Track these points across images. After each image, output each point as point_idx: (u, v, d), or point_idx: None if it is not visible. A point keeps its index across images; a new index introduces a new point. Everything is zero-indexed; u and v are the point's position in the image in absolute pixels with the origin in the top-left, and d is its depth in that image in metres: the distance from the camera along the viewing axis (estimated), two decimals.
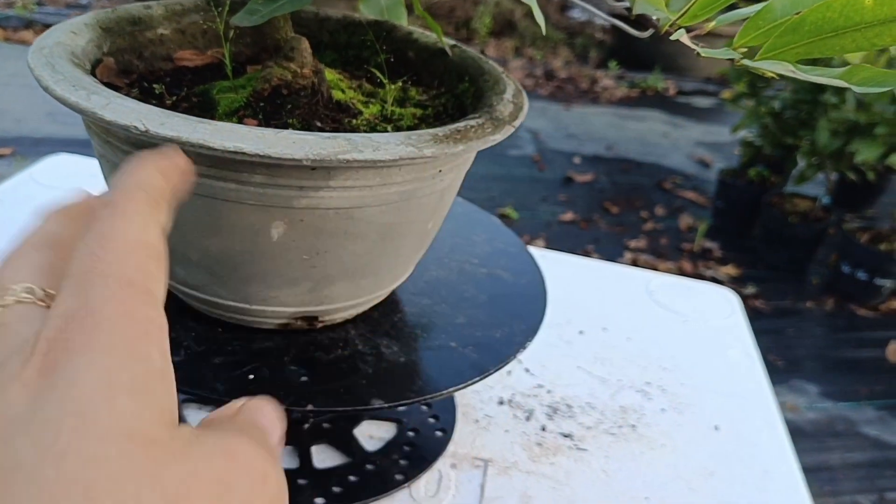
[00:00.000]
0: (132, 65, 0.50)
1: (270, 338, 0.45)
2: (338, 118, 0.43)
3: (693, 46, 0.36)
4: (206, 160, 0.35)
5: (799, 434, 1.54)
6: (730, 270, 2.18)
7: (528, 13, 5.28)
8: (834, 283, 2.20)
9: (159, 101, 0.44)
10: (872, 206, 2.80)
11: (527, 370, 0.67)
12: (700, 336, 0.76)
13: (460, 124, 0.38)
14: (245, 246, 0.39)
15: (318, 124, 0.42)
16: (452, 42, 0.51)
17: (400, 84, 0.49)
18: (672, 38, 0.36)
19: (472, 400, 0.62)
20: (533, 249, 0.88)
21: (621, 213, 2.45)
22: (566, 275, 0.83)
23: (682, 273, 2.12)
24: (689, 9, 0.38)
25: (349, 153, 0.34)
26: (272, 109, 0.42)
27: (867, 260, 2.12)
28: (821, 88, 2.22)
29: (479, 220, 0.64)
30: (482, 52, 4.31)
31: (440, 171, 0.40)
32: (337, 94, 0.45)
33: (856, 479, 1.43)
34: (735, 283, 2.13)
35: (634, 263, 2.13)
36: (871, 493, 1.40)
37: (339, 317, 0.46)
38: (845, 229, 2.21)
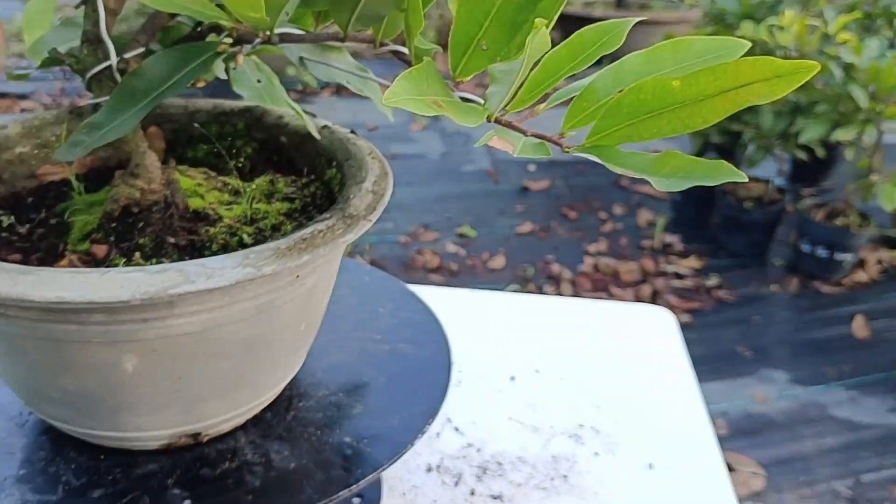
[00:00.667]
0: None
1: (155, 459, 0.43)
2: (194, 229, 0.42)
3: (506, 149, 0.35)
4: (41, 307, 0.34)
5: (771, 426, 1.54)
6: (692, 263, 2.19)
7: None
8: (796, 262, 2.21)
9: (9, 233, 0.43)
10: (828, 178, 2.82)
11: (456, 429, 0.66)
12: (635, 364, 0.75)
13: (307, 231, 0.37)
14: (101, 382, 0.38)
15: (172, 240, 0.41)
16: (324, 123, 0.50)
17: (267, 177, 0.47)
18: (479, 143, 0.35)
19: (399, 471, 0.60)
20: (462, 292, 0.87)
21: (580, 218, 2.45)
22: (497, 316, 0.82)
23: (644, 272, 2.13)
24: (517, 94, 0.37)
25: (180, 286, 0.32)
26: (124, 230, 0.41)
27: (825, 237, 2.13)
28: None
29: (386, 290, 0.63)
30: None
31: (297, 276, 0.39)
32: (195, 203, 0.44)
33: (831, 465, 1.43)
34: (698, 275, 2.13)
35: (595, 269, 2.13)
36: (847, 478, 1.40)
37: (227, 427, 0.45)
38: (800, 209, 2.22)
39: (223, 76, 0.46)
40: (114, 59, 0.40)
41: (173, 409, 0.40)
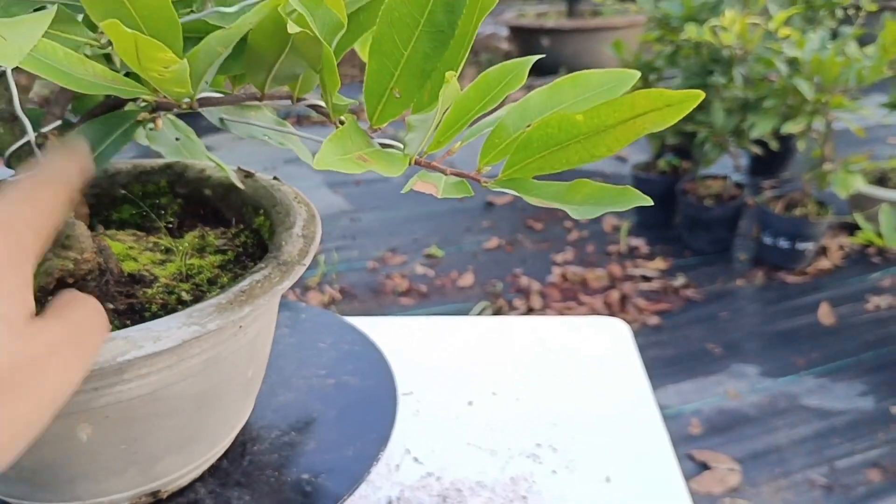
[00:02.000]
0: None
1: None
2: (132, 292, 0.42)
3: (429, 191, 0.36)
4: None
5: (743, 420, 1.56)
6: (658, 264, 2.21)
7: None
8: (759, 255, 2.24)
9: None
10: (787, 169, 2.87)
11: (415, 459, 0.66)
12: (590, 378, 0.76)
13: (245, 283, 0.38)
14: (57, 454, 0.38)
15: (111, 306, 0.41)
16: (247, 171, 0.51)
17: (197, 232, 0.48)
18: (404, 190, 0.36)
19: None
20: (419, 319, 0.88)
21: (545, 228, 2.47)
22: (454, 341, 0.83)
23: (612, 278, 2.15)
24: (433, 135, 0.38)
25: (129, 353, 0.33)
26: None
27: (786, 228, 2.16)
28: (708, 71, 2.27)
29: (324, 325, 0.64)
30: None
31: (240, 327, 0.39)
32: (129, 266, 0.44)
33: (804, 455, 1.45)
34: (665, 276, 2.16)
35: (564, 278, 2.14)
36: (822, 466, 1.42)
37: (185, 480, 0.45)
38: (759, 202, 2.25)
39: (144, 142, 0.46)
40: (31, 136, 0.41)
41: (131, 472, 0.41)
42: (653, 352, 1.82)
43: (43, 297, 0.42)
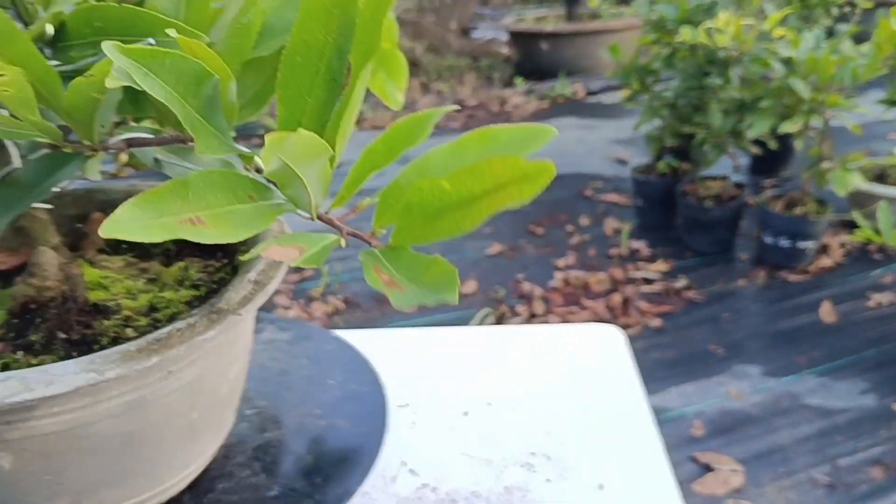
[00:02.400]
0: None
1: None
2: (91, 323, 0.43)
3: (286, 258, 0.34)
4: None
5: (746, 421, 1.56)
6: (660, 266, 2.22)
7: (429, 49, 5.35)
8: (761, 255, 2.25)
9: None
10: (787, 168, 2.87)
11: (411, 471, 0.68)
12: (584, 385, 0.77)
13: (164, 330, 0.38)
14: None
15: (63, 335, 0.42)
16: None
17: (183, 263, 0.49)
18: (250, 255, 0.34)
19: None
20: (416, 331, 0.89)
21: (547, 233, 2.48)
22: (450, 352, 0.84)
23: (614, 281, 2.16)
24: (339, 193, 0.37)
25: (19, 395, 0.33)
26: (23, 325, 0.43)
27: (786, 227, 2.17)
28: (705, 72, 2.28)
29: (341, 360, 0.65)
30: None
31: (169, 371, 0.39)
32: (97, 295, 0.45)
33: (807, 454, 1.46)
34: (666, 278, 2.16)
35: (566, 283, 2.15)
36: (825, 465, 1.43)
37: None
38: (759, 201, 2.26)
39: (96, 177, 0.46)
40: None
41: (63, 501, 0.40)
42: (655, 354, 1.83)
43: (11, 319, 0.43)
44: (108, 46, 0.29)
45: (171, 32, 0.30)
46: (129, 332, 0.42)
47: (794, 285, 2.10)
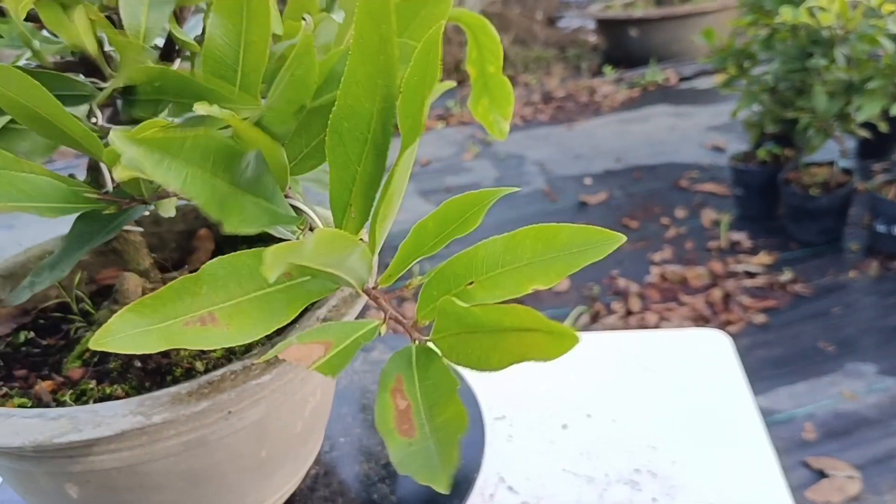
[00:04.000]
0: (47, 297, 0.51)
1: None
2: (168, 352, 0.42)
3: (300, 362, 0.32)
4: None
5: (862, 423, 1.47)
6: (763, 259, 2.12)
7: (516, 41, 5.29)
8: (873, 244, 2.12)
9: (31, 346, 0.45)
10: None
11: (510, 488, 0.66)
12: (690, 396, 0.73)
13: (218, 373, 0.36)
14: (53, 502, 0.39)
15: (139, 364, 0.42)
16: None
17: None
18: (266, 357, 0.33)
19: None
20: None
21: (641, 226, 2.41)
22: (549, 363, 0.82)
23: (713, 275, 2.07)
24: (387, 273, 0.35)
25: (67, 435, 0.33)
26: (103, 354, 0.43)
27: None
28: (808, 53, 2.17)
29: None
30: None
31: (229, 412, 0.38)
32: None
33: None
34: (770, 271, 2.07)
35: (663, 278, 2.09)
36: None
37: None
38: (870, 187, 2.13)
39: (170, 214, 0.46)
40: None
41: None
42: (760, 352, 1.74)
43: None
44: (115, 136, 0.26)
45: (200, 108, 0.27)
46: (199, 364, 0.41)
47: None
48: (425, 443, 0.28)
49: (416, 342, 0.31)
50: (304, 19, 0.33)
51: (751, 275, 2.06)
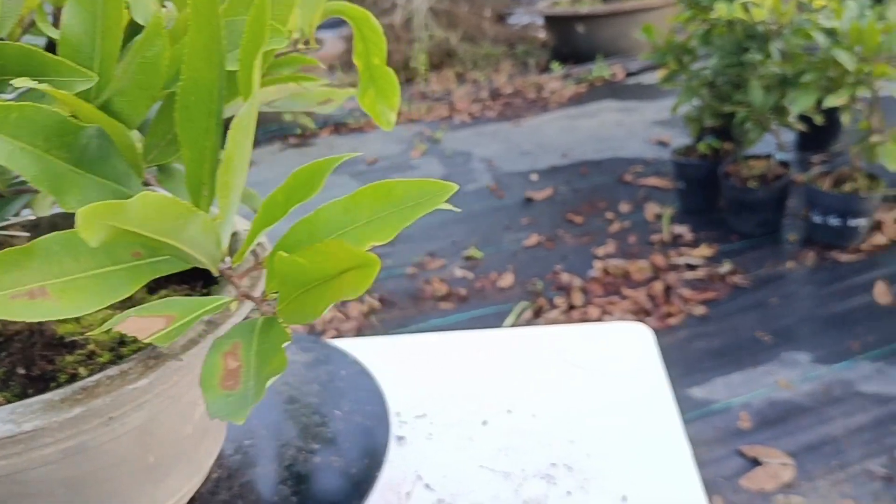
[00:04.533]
0: None
1: None
2: (54, 358, 0.41)
3: (140, 334, 0.32)
4: None
5: (796, 411, 1.50)
6: (703, 252, 2.15)
7: (464, 37, 5.29)
8: (810, 235, 2.16)
9: None
10: (837, 142, 2.76)
11: (427, 486, 0.65)
12: (609, 389, 0.74)
13: (93, 378, 0.35)
14: None
15: (23, 371, 0.40)
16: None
17: (167, 292, 0.47)
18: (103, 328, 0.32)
19: None
20: (432, 336, 0.87)
21: (586, 221, 2.43)
22: (474, 357, 0.81)
23: (655, 269, 2.10)
24: (240, 250, 0.35)
25: None
26: None
27: (835, 204, 2.08)
28: (744, 48, 2.20)
29: (354, 388, 0.63)
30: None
31: (110, 417, 0.36)
32: (66, 328, 0.43)
33: (862, 444, 1.39)
34: (711, 264, 2.10)
35: (606, 272, 2.10)
36: (881, 455, 1.36)
37: None
38: (807, 179, 2.18)
39: (46, 212, 0.44)
40: None
41: None
42: (699, 344, 1.77)
43: None
44: None
45: (18, 82, 0.26)
46: (82, 370, 0.40)
47: (845, 266, 2.02)
48: (244, 392, 0.27)
49: (264, 315, 0.32)
50: (164, 6, 0.31)
51: (692, 267, 2.09)
